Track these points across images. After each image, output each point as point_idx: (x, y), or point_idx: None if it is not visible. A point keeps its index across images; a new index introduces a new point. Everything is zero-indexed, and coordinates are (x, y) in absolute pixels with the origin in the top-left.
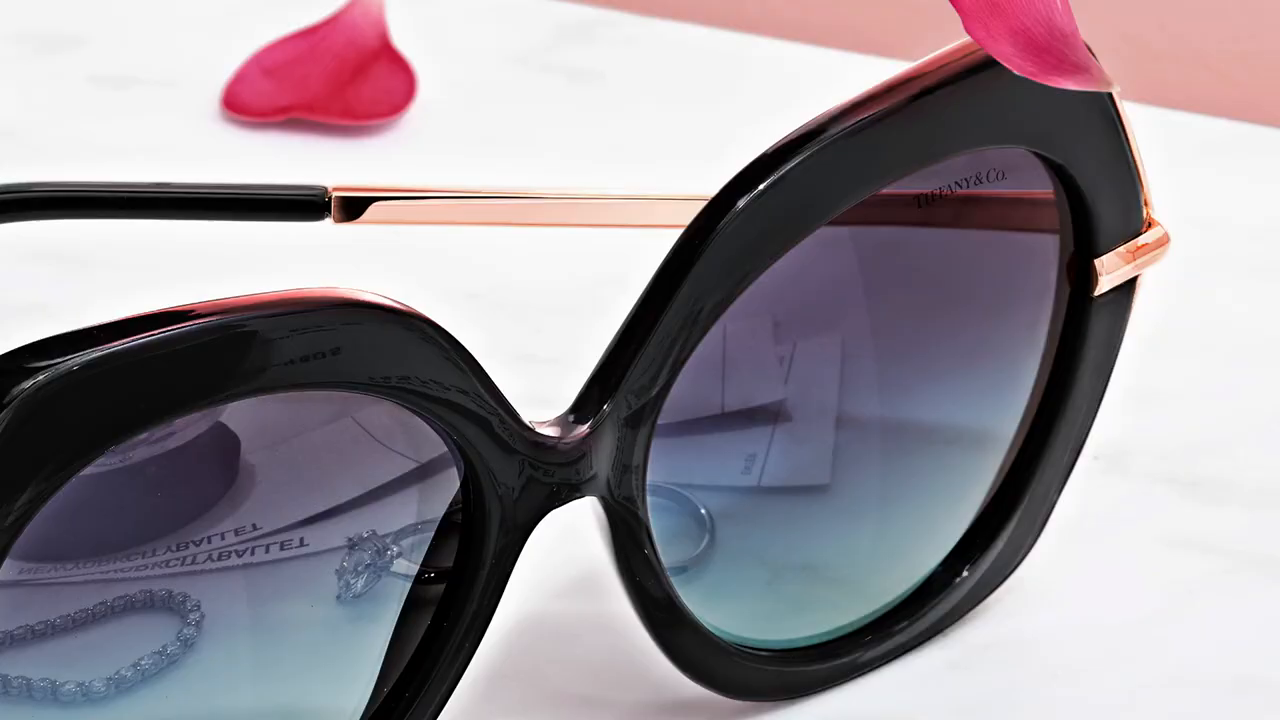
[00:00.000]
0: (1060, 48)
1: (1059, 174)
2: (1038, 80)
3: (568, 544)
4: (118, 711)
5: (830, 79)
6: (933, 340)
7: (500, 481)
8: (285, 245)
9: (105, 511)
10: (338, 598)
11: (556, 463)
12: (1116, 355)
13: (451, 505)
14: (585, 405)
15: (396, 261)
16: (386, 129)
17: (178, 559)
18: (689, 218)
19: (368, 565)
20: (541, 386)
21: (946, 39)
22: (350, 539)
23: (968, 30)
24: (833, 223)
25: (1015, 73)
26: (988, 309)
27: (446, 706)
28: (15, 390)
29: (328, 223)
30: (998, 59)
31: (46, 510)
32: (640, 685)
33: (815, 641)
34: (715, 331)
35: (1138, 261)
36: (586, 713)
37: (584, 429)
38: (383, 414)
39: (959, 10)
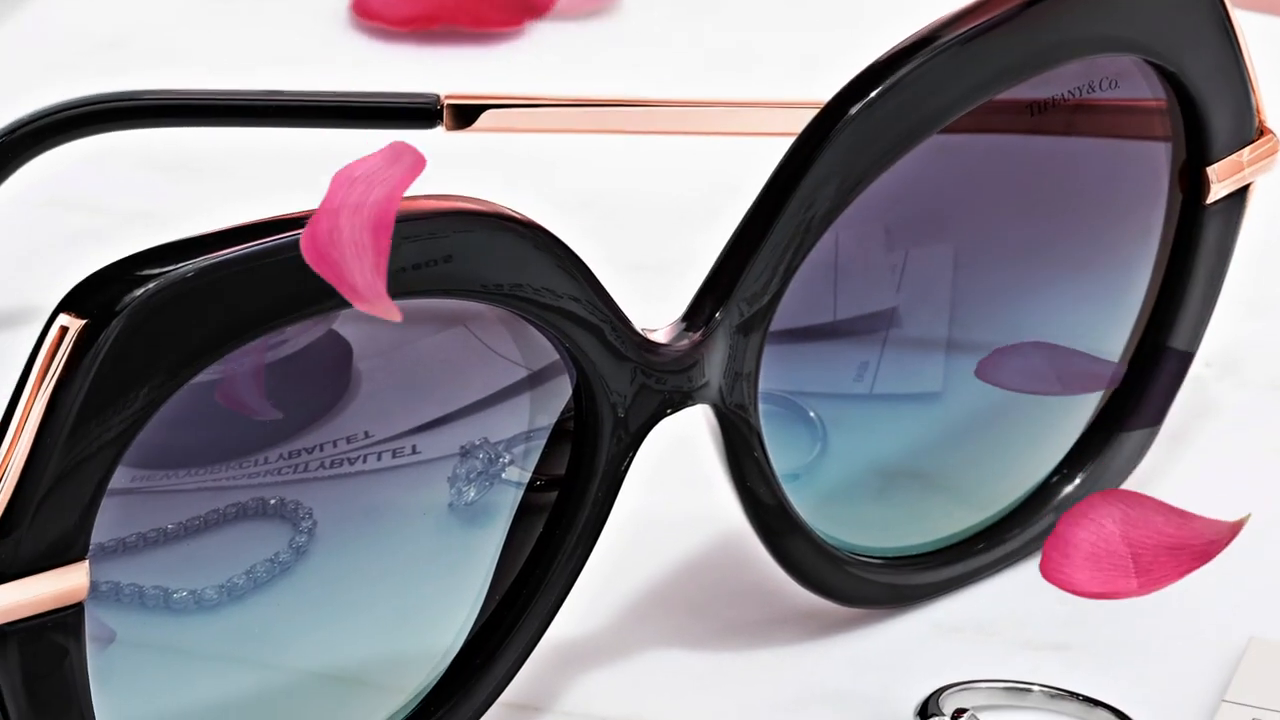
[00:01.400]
0: None
1: (1171, 82)
2: None
3: (680, 451)
4: (229, 619)
5: None
6: (1044, 248)
7: (612, 389)
8: None
9: (217, 419)
10: (450, 505)
11: (669, 370)
12: (1228, 263)
13: (563, 413)
14: (697, 313)
15: (509, 170)
16: (514, 38)
17: (290, 466)
18: (801, 125)
19: (480, 473)
20: (654, 294)
21: None
22: (462, 447)
23: None
24: (945, 130)
25: None
26: (1099, 217)
27: (558, 614)
28: (127, 298)
29: (440, 130)
30: None
31: (158, 418)
32: (752, 593)
33: (927, 549)
34: (827, 239)
35: (1250, 169)
36: (699, 620)
37: (696, 336)
38: (495, 321)
39: None
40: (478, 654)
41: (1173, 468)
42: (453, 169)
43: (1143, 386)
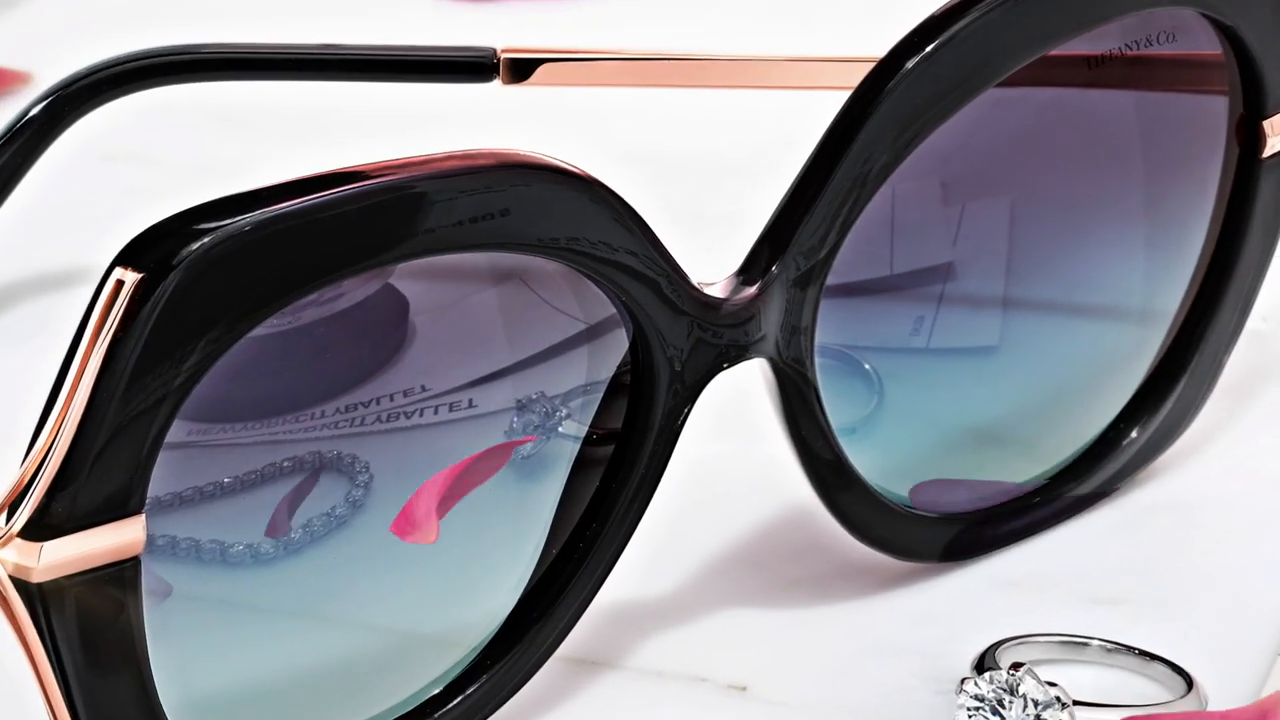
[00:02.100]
0: None
1: (1228, 35)
2: None
3: (736, 406)
4: (286, 573)
5: None
6: (1100, 202)
7: (669, 343)
8: (454, 107)
9: (274, 373)
10: (507, 459)
11: (725, 324)
12: None
13: (620, 367)
14: (754, 266)
15: (565, 123)
16: None
17: (346, 420)
18: (857, 80)
19: (536, 426)
20: (711, 248)
21: None
22: (519, 400)
23: None
24: (1001, 84)
25: None
26: (1156, 170)
27: (615, 568)
28: (185, 251)
29: (497, 84)
30: None
31: (215, 371)
32: (808, 548)
33: (983, 503)
34: (884, 193)
35: None
36: (754, 575)
37: (752, 290)
38: (551, 275)
39: None
40: (534, 608)
41: (1229, 421)
42: (509, 123)
43: (1199, 341)
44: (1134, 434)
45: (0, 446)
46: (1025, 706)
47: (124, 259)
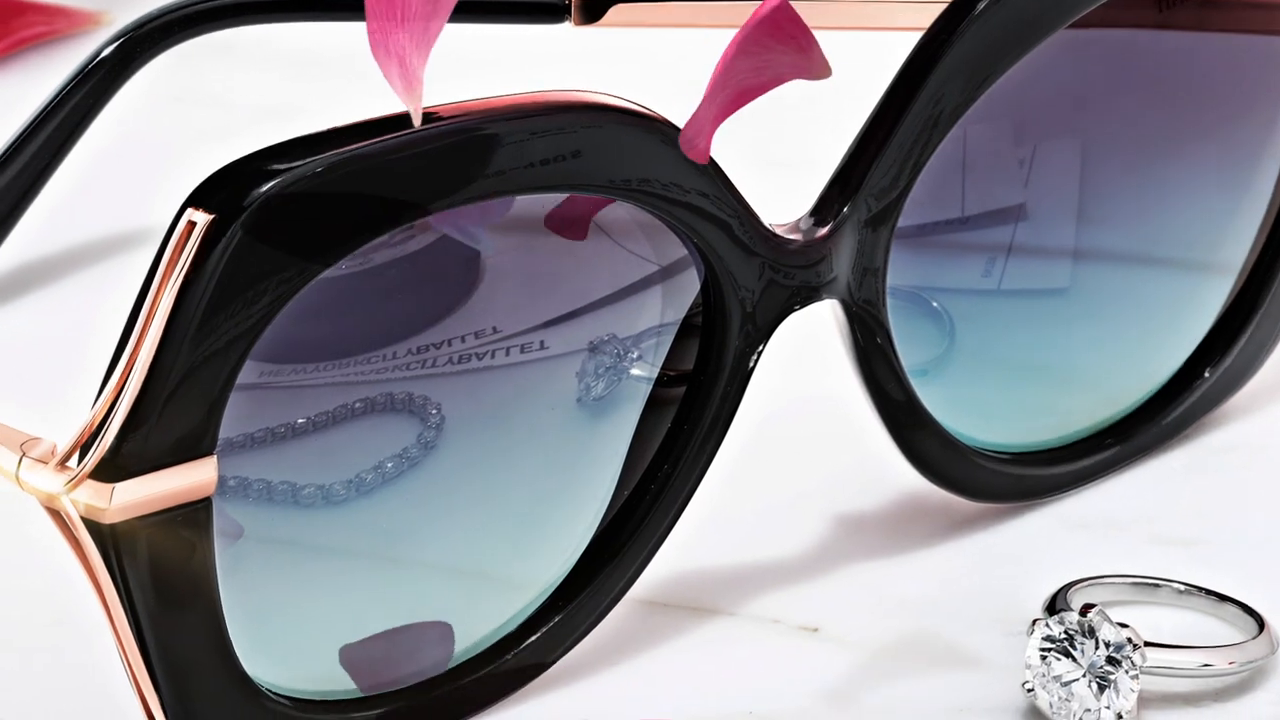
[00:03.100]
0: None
1: None
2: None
3: (808, 347)
4: (357, 514)
5: None
6: (1172, 143)
7: (741, 284)
8: (526, 48)
9: (345, 314)
10: (578, 400)
11: (797, 265)
12: None
13: (692, 308)
14: (826, 207)
15: (637, 65)
16: None
17: (418, 362)
18: (930, 20)
19: (608, 368)
20: (782, 189)
21: None
22: (591, 342)
23: None
24: (1072, 26)
25: None
26: (1226, 111)
27: (686, 510)
28: (256, 192)
29: (568, 25)
30: None
31: (287, 312)
32: (878, 489)
33: (1055, 444)
34: (955, 134)
35: None
36: (826, 517)
37: (824, 231)
38: (623, 217)
39: None
40: (606, 549)
41: None
42: (580, 64)
43: (1271, 282)
44: (1205, 375)
45: (72, 388)
46: (1097, 648)
47: (195, 200)
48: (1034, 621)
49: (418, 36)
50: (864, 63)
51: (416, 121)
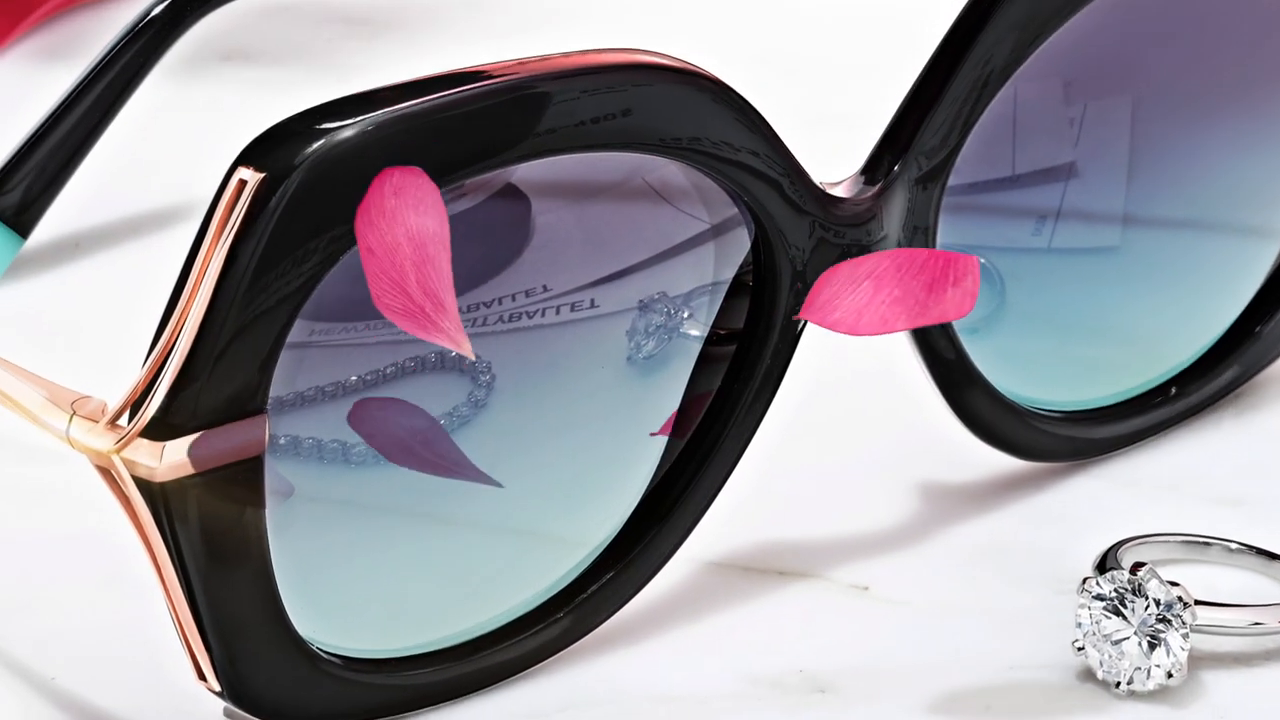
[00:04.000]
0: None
1: None
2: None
3: None
4: (408, 472)
5: None
6: (1224, 102)
7: (791, 243)
8: (577, 7)
9: None
10: (628, 359)
11: (847, 223)
12: None
13: (742, 266)
14: (876, 166)
15: (688, 25)
16: None
17: (468, 320)
18: None
19: (658, 326)
20: (832, 148)
21: None
22: (641, 300)
23: None
24: None
25: None
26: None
27: (737, 469)
28: (307, 151)
29: None
30: None
31: (337, 271)
32: (929, 448)
33: (1105, 403)
34: (1005, 93)
35: None
36: (875, 476)
37: (874, 189)
38: (673, 176)
39: None
40: (656, 508)
41: None
42: (631, 23)
43: None
44: (1255, 333)
45: (123, 347)
46: (1147, 606)
47: (246, 158)
48: (1084, 580)
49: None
50: (914, 22)
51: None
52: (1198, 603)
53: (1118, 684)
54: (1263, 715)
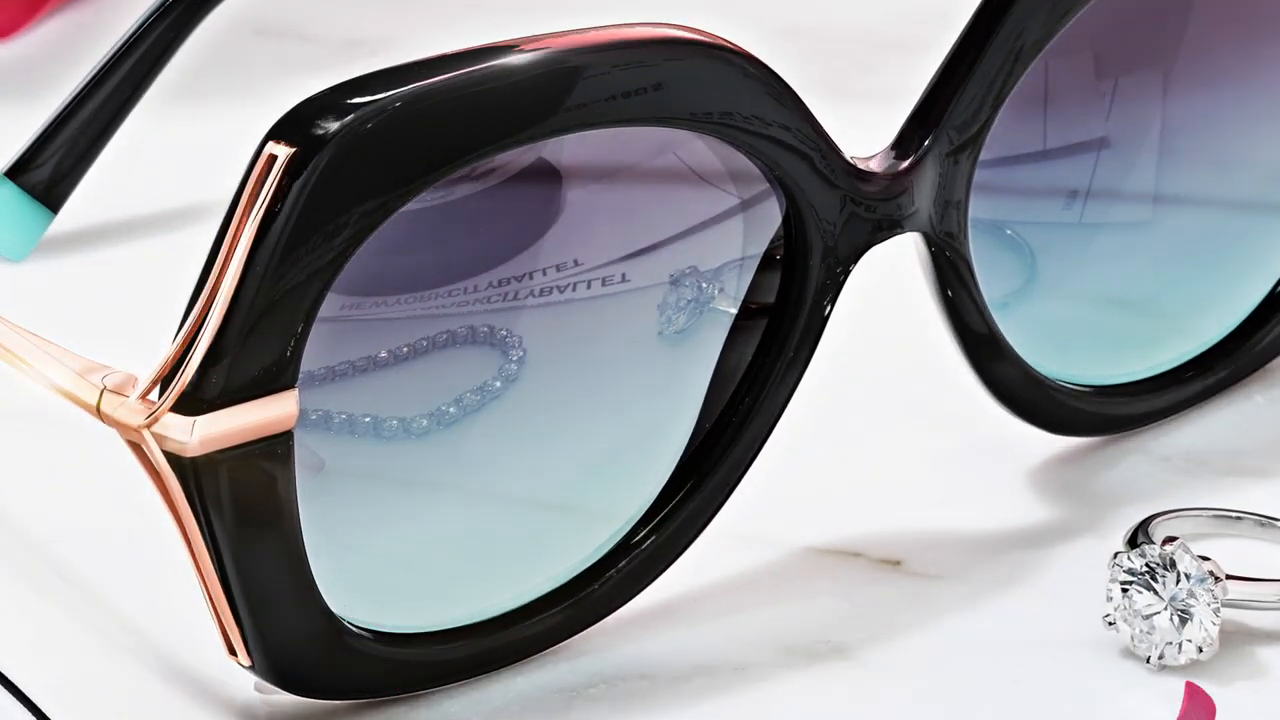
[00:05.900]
0: None
1: None
2: None
3: (888, 280)
4: (439, 447)
5: None
6: (1256, 77)
7: (822, 217)
8: None
9: (427, 247)
10: (659, 333)
11: (878, 198)
12: None
13: (773, 241)
14: (907, 140)
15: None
16: None
17: (500, 295)
18: None
19: (690, 301)
20: (863, 122)
21: None
22: (672, 275)
23: None
24: None
25: None
26: None
27: (767, 442)
28: (338, 125)
29: None
30: None
31: (368, 246)
32: (960, 422)
33: (1136, 377)
34: (1037, 67)
35: None
36: (908, 451)
37: (906, 164)
38: (705, 150)
39: None
40: (687, 481)
41: None
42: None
43: None
44: None
45: (153, 323)
46: (1178, 580)
47: (276, 133)
48: (1115, 555)
49: None
50: None
51: None
52: (1229, 577)
53: (1149, 659)
54: None
